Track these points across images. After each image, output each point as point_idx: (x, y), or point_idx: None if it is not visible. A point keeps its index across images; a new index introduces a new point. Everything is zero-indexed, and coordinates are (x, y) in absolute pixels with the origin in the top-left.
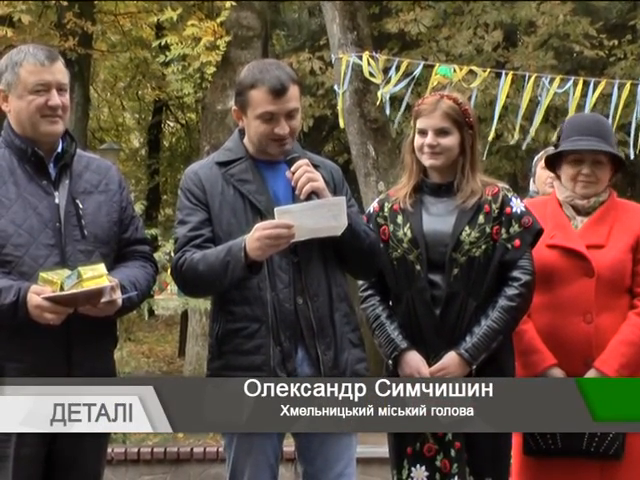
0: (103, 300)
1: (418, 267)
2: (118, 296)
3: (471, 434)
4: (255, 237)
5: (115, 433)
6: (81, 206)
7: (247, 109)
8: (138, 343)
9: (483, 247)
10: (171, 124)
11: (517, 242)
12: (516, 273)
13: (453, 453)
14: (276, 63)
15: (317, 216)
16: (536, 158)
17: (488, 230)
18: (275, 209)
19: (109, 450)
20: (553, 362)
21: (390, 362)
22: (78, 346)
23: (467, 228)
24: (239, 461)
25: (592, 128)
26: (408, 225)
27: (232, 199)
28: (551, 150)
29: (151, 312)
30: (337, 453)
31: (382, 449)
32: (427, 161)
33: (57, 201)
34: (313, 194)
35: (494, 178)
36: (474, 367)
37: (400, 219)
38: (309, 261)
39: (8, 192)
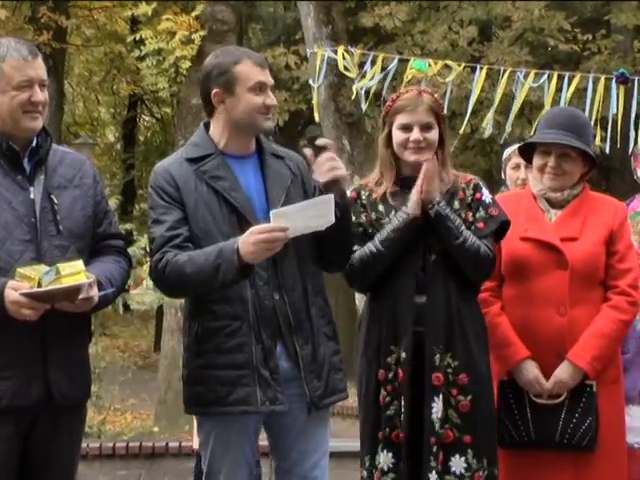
0: (80, 297)
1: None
2: (95, 293)
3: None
4: (251, 241)
5: (90, 427)
6: (56, 201)
7: (235, 86)
8: (113, 338)
9: None
10: (146, 118)
11: (481, 224)
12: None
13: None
14: (241, 48)
15: (309, 215)
16: (504, 156)
17: (463, 215)
18: (271, 212)
19: (84, 445)
20: (526, 354)
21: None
22: (53, 342)
23: None
24: (216, 458)
25: (564, 122)
26: (393, 213)
27: (207, 196)
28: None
29: (126, 307)
30: (311, 446)
31: (355, 443)
32: (412, 157)
33: (32, 196)
34: (334, 182)
35: (469, 173)
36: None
37: (382, 207)
38: (284, 257)
39: None
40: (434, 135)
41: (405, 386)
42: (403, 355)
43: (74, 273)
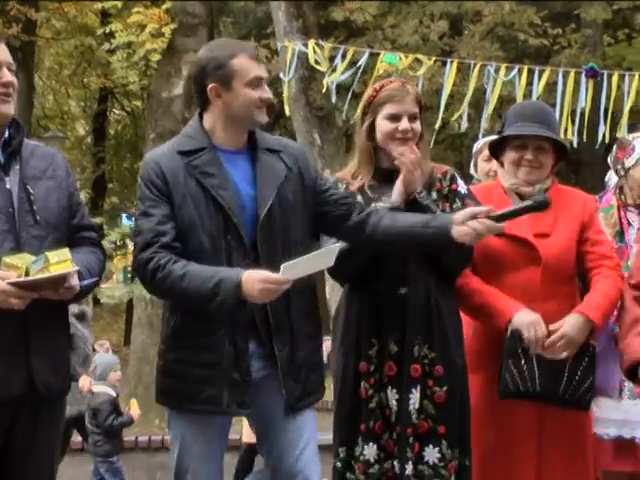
0: (65, 285)
1: None
2: (76, 282)
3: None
4: (257, 287)
5: None
6: (32, 191)
7: (232, 80)
8: None
9: None
10: (117, 112)
11: None
12: None
13: (395, 436)
14: (234, 40)
15: (314, 263)
16: (475, 149)
17: (440, 206)
18: (282, 265)
19: None
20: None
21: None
22: (36, 332)
23: None
24: (184, 455)
25: (536, 115)
26: (373, 205)
27: (194, 192)
28: (493, 137)
29: (96, 301)
30: (292, 441)
31: (327, 437)
32: (399, 147)
33: (8, 186)
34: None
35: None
36: None
37: (360, 200)
38: (271, 262)
39: None
40: (419, 126)
41: (397, 379)
42: (394, 348)
43: (62, 261)
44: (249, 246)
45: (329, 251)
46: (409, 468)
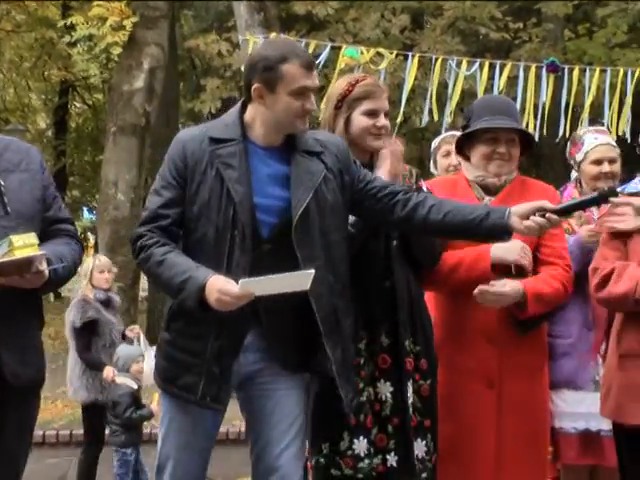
0: (32, 270)
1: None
2: (44, 267)
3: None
4: (214, 297)
5: None
6: (2, 183)
7: (277, 85)
8: (45, 325)
9: None
10: (78, 105)
11: None
12: None
13: (390, 429)
14: (292, 41)
15: (286, 283)
16: (434, 145)
17: None
18: (240, 281)
19: None
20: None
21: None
22: (4, 324)
23: None
24: (167, 440)
25: (503, 108)
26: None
27: (212, 182)
28: (451, 133)
29: (57, 295)
30: (276, 436)
31: None
32: (375, 142)
33: None
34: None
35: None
36: None
37: None
38: (310, 263)
39: None
40: (388, 122)
41: (392, 371)
42: (386, 341)
43: (27, 245)
44: (251, 245)
45: (303, 275)
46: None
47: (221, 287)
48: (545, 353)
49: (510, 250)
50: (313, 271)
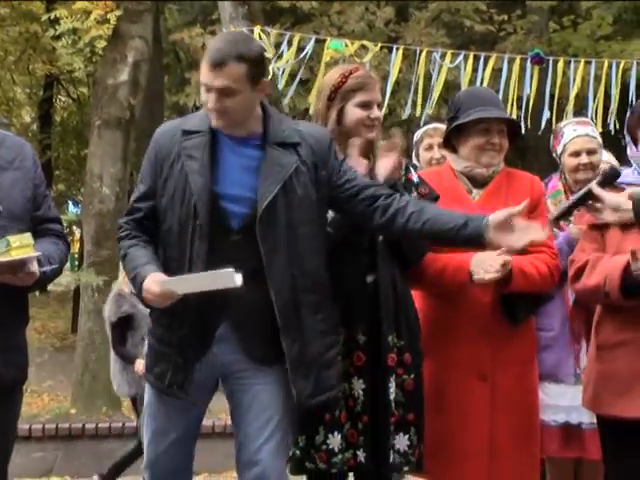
0: (25, 271)
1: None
2: (36, 268)
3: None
4: (144, 295)
5: None
6: None
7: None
8: (30, 319)
9: None
10: (62, 99)
11: None
12: None
13: (360, 426)
14: (242, 37)
15: (206, 283)
16: (416, 138)
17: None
18: (161, 281)
19: None
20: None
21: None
22: None
23: None
24: (146, 426)
25: (492, 99)
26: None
27: (177, 175)
28: (433, 126)
29: (43, 288)
30: (254, 430)
31: None
32: (369, 134)
33: None
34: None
35: None
36: None
37: None
38: (273, 256)
39: None
40: (381, 113)
41: (366, 369)
42: (362, 338)
43: (24, 246)
44: (211, 236)
45: (226, 274)
46: (392, 457)
47: (146, 285)
48: (535, 345)
49: (482, 263)
50: (232, 269)
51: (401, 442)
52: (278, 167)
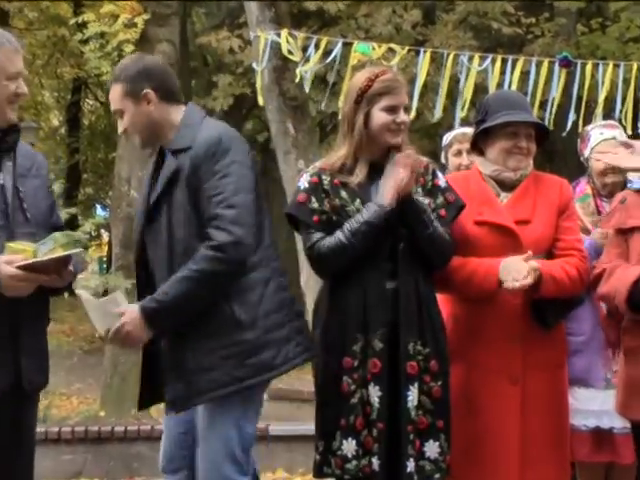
0: (68, 268)
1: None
2: (71, 267)
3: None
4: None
5: None
6: (21, 189)
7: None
8: (59, 322)
9: None
10: (90, 102)
11: (442, 212)
12: None
13: (375, 433)
14: (127, 59)
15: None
16: (445, 142)
17: (426, 202)
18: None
19: None
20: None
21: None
22: (25, 329)
23: None
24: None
25: (520, 103)
26: (358, 201)
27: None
28: (462, 131)
29: (71, 291)
30: (197, 437)
31: (304, 427)
32: (393, 139)
33: (2, 182)
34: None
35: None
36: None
37: (345, 194)
38: (155, 255)
39: None
40: (409, 117)
41: (383, 376)
42: (379, 345)
43: (70, 243)
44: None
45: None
46: (410, 465)
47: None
48: (565, 350)
49: (509, 269)
50: (117, 293)
51: (432, 449)
52: (165, 172)
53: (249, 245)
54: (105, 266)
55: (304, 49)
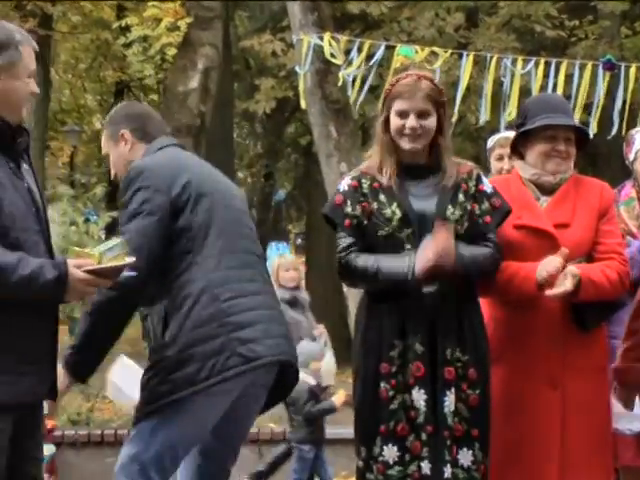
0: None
1: (409, 245)
2: None
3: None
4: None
5: (79, 415)
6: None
7: None
8: None
9: (466, 225)
10: None
11: (488, 218)
12: (488, 248)
13: (424, 437)
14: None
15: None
16: (489, 145)
17: (469, 207)
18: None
19: (72, 432)
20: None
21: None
22: (57, 338)
23: (450, 207)
24: None
25: (560, 106)
26: (395, 204)
27: None
28: (505, 135)
29: None
30: None
31: (345, 430)
32: (408, 144)
33: (27, 185)
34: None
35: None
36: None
37: (383, 197)
38: None
39: (3, 173)
40: (431, 123)
41: (427, 379)
42: (420, 349)
43: (127, 251)
44: None
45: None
46: (447, 471)
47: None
48: (607, 354)
49: (547, 268)
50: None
51: (465, 457)
52: None
53: (138, 269)
54: None
55: (347, 52)
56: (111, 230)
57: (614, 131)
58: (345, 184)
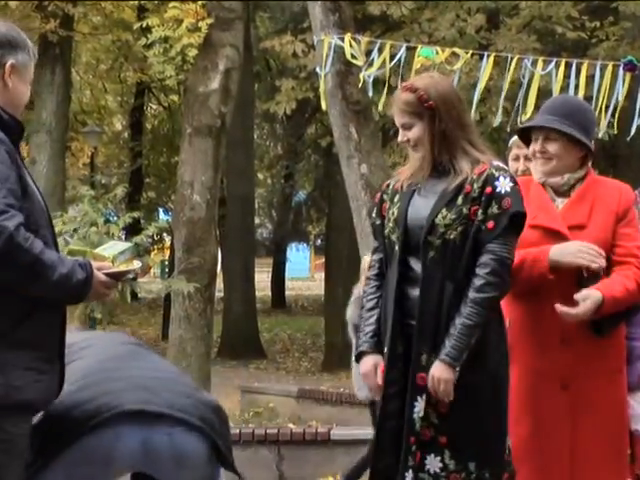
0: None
1: (396, 248)
2: None
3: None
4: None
5: None
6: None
7: None
8: (121, 326)
9: (459, 229)
10: (153, 107)
11: (490, 224)
12: (485, 259)
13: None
14: None
15: None
16: (509, 145)
17: (465, 211)
18: None
19: None
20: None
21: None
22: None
23: (443, 211)
24: None
25: (555, 107)
26: (398, 205)
27: None
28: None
29: (134, 295)
30: None
31: (365, 431)
32: (410, 154)
33: (33, 187)
34: None
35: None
36: (457, 369)
37: (397, 198)
38: None
39: (25, 174)
40: (415, 133)
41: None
42: (401, 349)
43: (136, 254)
44: None
45: None
46: (409, 476)
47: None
48: (623, 356)
49: (564, 253)
50: None
51: (433, 464)
52: None
53: None
54: (167, 270)
55: (367, 53)
56: (133, 230)
57: (634, 132)
58: (384, 184)
